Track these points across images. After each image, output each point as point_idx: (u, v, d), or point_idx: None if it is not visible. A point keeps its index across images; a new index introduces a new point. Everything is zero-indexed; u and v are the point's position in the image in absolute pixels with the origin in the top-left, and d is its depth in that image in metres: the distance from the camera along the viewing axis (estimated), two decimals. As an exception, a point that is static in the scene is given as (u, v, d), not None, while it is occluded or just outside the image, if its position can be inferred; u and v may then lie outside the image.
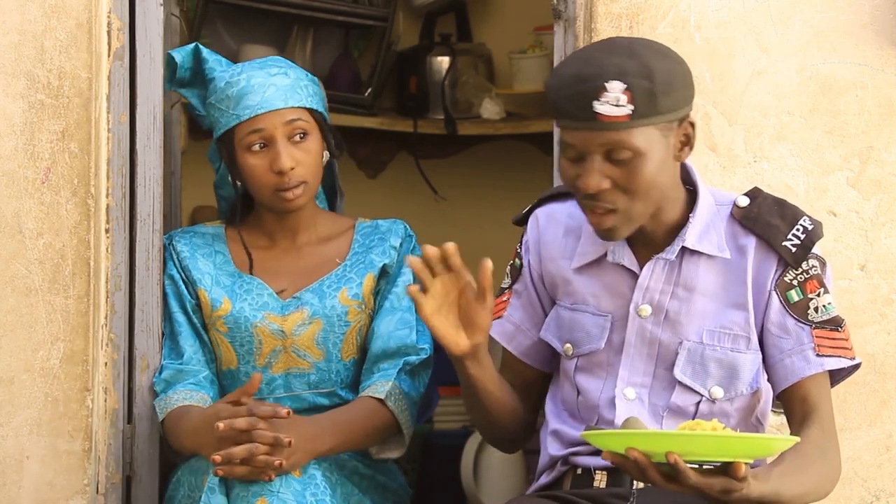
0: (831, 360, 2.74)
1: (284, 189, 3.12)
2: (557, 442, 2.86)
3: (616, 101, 2.61)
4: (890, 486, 3.24)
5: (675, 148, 2.69)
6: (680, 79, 2.66)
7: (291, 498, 2.93)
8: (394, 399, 3.12)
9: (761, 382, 2.79)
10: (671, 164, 2.69)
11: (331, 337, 3.19)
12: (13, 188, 3.13)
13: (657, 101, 2.62)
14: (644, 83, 2.61)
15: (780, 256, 2.74)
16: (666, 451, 2.40)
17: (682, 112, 2.67)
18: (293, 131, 3.13)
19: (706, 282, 2.77)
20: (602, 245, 2.80)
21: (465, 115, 5.11)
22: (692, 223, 2.75)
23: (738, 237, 2.77)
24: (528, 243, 2.92)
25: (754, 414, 2.83)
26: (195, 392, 3.14)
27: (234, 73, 3.16)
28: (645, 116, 2.62)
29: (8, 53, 3.13)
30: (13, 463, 3.13)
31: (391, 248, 3.23)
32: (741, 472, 2.41)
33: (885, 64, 3.24)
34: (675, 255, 2.75)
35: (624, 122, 2.62)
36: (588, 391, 2.82)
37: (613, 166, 2.65)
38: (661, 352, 2.78)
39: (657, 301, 2.77)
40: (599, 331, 2.81)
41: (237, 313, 3.18)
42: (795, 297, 2.75)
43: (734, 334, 2.76)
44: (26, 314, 3.13)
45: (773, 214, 2.77)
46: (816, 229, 2.76)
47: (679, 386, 2.77)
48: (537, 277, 2.91)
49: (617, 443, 2.46)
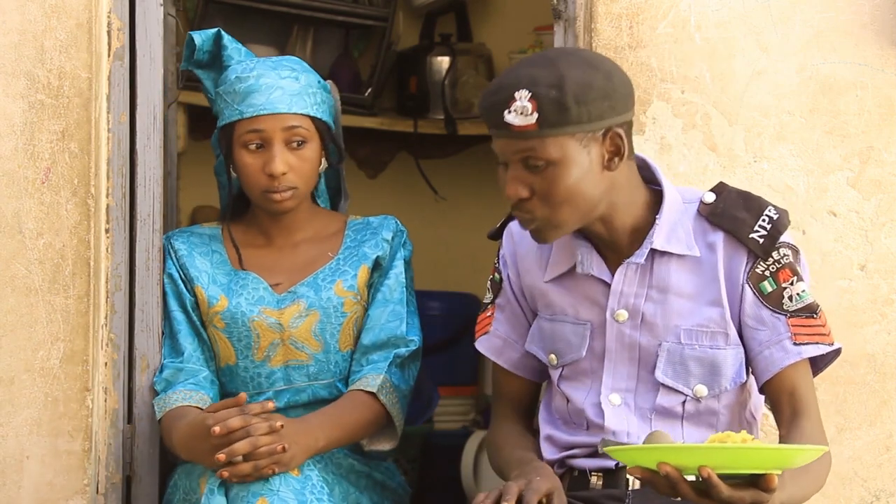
0: (809, 347, 2.73)
1: (273, 191, 3.14)
2: (551, 446, 2.86)
3: (522, 110, 2.63)
4: (890, 486, 3.24)
5: (602, 158, 2.67)
6: (598, 90, 2.64)
7: (292, 497, 2.94)
8: (385, 392, 3.13)
9: (745, 376, 2.78)
10: (599, 174, 2.68)
11: (328, 328, 3.19)
12: (13, 188, 3.13)
13: (566, 111, 2.62)
14: (552, 93, 2.61)
15: (749, 249, 2.74)
16: (699, 465, 2.36)
17: (604, 123, 2.65)
18: (291, 137, 3.14)
19: (679, 281, 2.76)
20: (571, 256, 2.81)
21: (465, 115, 5.11)
22: (659, 224, 2.74)
23: (707, 234, 2.76)
24: (504, 257, 2.93)
25: (747, 409, 2.82)
26: (194, 392, 3.14)
27: (245, 68, 3.17)
28: (554, 126, 2.62)
29: (8, 53, 3.12)
30: (13, 463, 3.13)
31: (383, 240, 3.24)
32: (774, 484, 2.39)
33: (885, 64, 3.24)
34: (644, 258, 2.75)
35: (533, 132, 2.63)
36: (575, 399, 2.82)
37: (531, 174, 2.67)
38: (642, 355, 2.78)
39: (632, 305, 2.77)
40: (580, 339, 2.81)
41: (234, 308, 3.19)
42: (769, 288, 2.74)
43: (711, 331, 2.76)
44: (26, 314, 3.13)
45: (739, 208, 2.76)
46: (782, 218, 2.75)
47: (662, 388, 2.77)
48: (518, 290, 2.91)
49: (646, 457, 2.41)
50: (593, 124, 2.64)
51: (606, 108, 2.65)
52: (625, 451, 2.48)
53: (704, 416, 2.78)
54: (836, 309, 3.20)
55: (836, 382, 3.22)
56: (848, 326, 3.21)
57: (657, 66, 3.21)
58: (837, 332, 2.98)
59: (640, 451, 2.46)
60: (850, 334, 3.21)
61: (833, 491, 3.21)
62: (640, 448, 2.49)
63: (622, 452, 2.47)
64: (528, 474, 2.67)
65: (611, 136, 2.67)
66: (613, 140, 2.67)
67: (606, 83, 2.65)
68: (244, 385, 3.21)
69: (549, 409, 2.91)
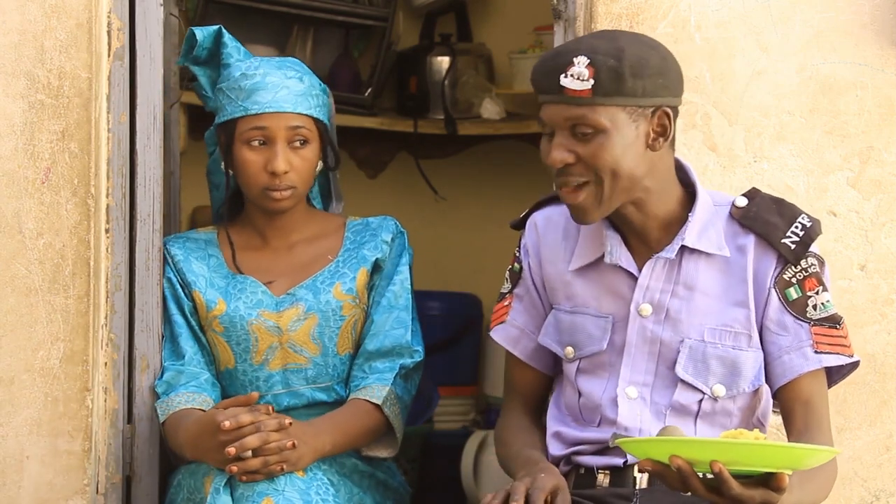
0: (829, 356, 2.75)
1: (273, 189, 3.14)
2: (559, 442, 2.86)
3: (580, 75, 2.67)
4: (890, 486, 3.24)
5: (648, 136, 2.71)
6: (654, 67, 2.69)
7: (297, 496, 2.94)
8: (389, 404, 3.14)
9: (763, 380, 2.79)
10: (642, 152, 2.71)
11: (326, 332, 3.19)
12: (13, 188, 3.13)
13: (622, 81, 2.66)
14: (610, 62, 2.66)
15: (780, 254, 2.75)
16: (710, 460, 2.36)
17: (656, 100, 2.69)
18: (294, 137, 3.15)
19: (706, 280, 2.77)
20: (599, 246, 2.81)
21: (465, 115, 5.11)
22: (691, 221, 2.76)
23: (738, 236, 2.78)
24: (526, 247, 2.93)
25: (755, 414, 2.83)
26: (197, 394, 3.14)
27: (251, 65, 3.18)
28: (608, 95, 2.66)
29: (8, 53, 3.12)
30: (13, 463, 3.13)
31: (383, 242, 3.24)
32: (784, 484, 2.39)
33: (885, 64, 3.24)
34: (674, 253, 2.76)
35: (587, 98, 2.67)
36: (590, 392, 2.82)
37: (578, 142, 2.69)
38: (663, 350, 2.78)
39: (658, 300, 2.78)
40: (601, 332, 2.81)
41: (232, 312, 3.19)
42: (794, 295, 2.76)
43: (735, 332, 2.77)
44: (26, 314, 3.13)
45: (772, 212, 2.78)
46: (815, 226, 2.77)
47: (681, 384, 2.77)
48: (538, 281, 2.91)
49: (659, 450, 2.42)
50: (645, 99, 2.68)
51: (660, 87, 2.69)
52: (637, 443, 2.49)
53: (719, 417, 2.78)
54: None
55: (836, 382, 3.22)
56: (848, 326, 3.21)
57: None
58: (837, 332, 2.98)
59: (653, 443, 2.46)
60: (851, 334, 3.21)
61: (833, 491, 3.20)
62: (652, 440, 2.50)
63: (634, 445, 2.48)
64: (534, 473, 2.68)
65: (659, 115, 2.70)
66: (661, 120, 2.71)
67: (662, 63, 2.70)
68: (243, 389, 3.21)
69: (558, 405, 2.91)
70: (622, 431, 2.77)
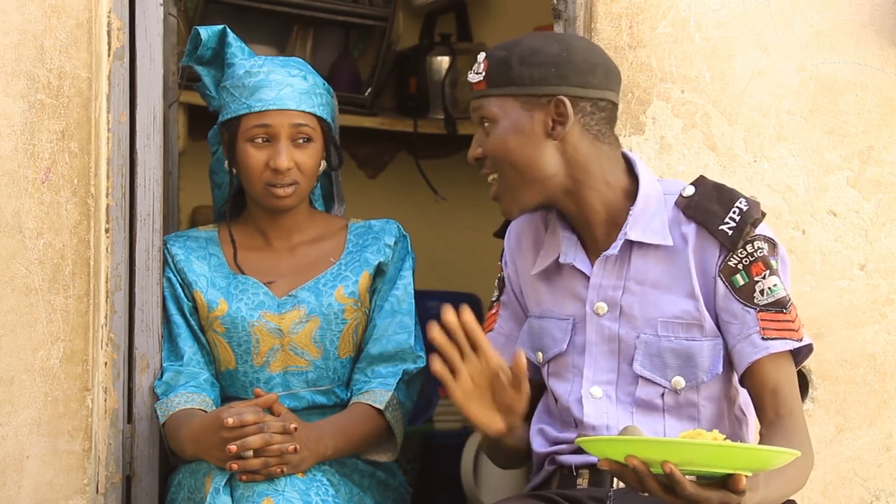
0: (777, 342, 2.72)
1: (276, 186, 3.14)
2: (542, 439, 2.88)
3: (477, 69, 2.79)
4: (890, 486, 3.24)
5: (546, 125, 2.75)
6: (548, 56, 2.74)
7: (297, 497, 2.94)
8: (391, 409, 3.15)
9: (721, 368, 2.77)
10: (541, 141, 2.75)
11: (328, 335, 3.19)
12: (13, 188, 3.13)
13: (509, 70, 2.74)
14: (501, 53, 2.76)
15: (720, 241, 2.74)
16: (661, 460, 2.35)
17: (549, 89, 2.74)
18: (298, 134, 3.16)
19: (655, 273, 2.78)
20: (555, 249, 2.83)
21: (465, 115, 5.10)
22: (633, 215, 2.76)
23: (681, 225, 2.78)
24: (505, 256, 2.97)
25: (735, 405, 2.82)
26: (196, 395, 3.14)
27: (255, 63, 3.18)
28: (497, 85, 2.75)
29: (8, 53, 3.12)
30: (13, 463, 3.13)
31: (385, 246, 3.24)
32: (741, 486, 2.37)
33: (885, 64, 3.24)
34: (618, 249, 2.77)
35: (483, 90, 2.78)
36: (559, 395, 2.84)
37: (484, 134, 2.80)
38: (622, 347, 2.79)
39: (611, 297, 2.79)
40: (562, 334, 2.83)
41: (234, 313, 3.19)
42: (741, 281, 2.74)
43: (687, 323, 2.76)
44: (26, 314, 3.13)
45: (711, 200, 2.77)
46: (752, 209, 2.74)
47: (641, 380, 2.78)
48: (517, 288, 2.94)
49: (615, 450, 2.41)
50: (536, 87, 2.74)
51: (554, 75, 2.74)
52: (595, 442, 2.48)
53: (685, 409, 2.78)
54: (836, 309, 3.20)
55: (836, 382, 3.22)
56: (848, 326, 3.21)
57: (657, 65, 3.21)
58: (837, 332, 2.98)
59: (609, 442, 2.46)
60: (850, 334, 3.21)
61: (833, 491, 3.21)
62: (608, 440, 2.49)
63: (593, 444, 2.47)
64: None
65: (555, 104, 2.74)
66: (558, 108, 2.74)
67: (560, 53, 2.75)
68: (244, 390, 3.21)
69: (544, 405, 2.92)
70: (590, 431, 2.77)
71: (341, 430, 3.09)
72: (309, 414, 3.18)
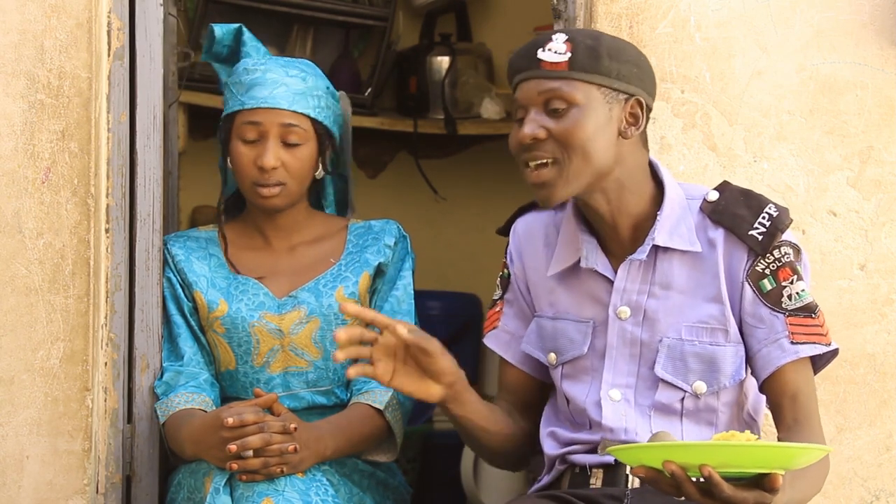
0: (806, 346, 2.73)
1: (262, 185, 3.14)
2: (553, 441, 2.87)
3: (557, 49, 2.71)
4: (890, 486, 3.24)
5: (620, 122, 2.73)
6: (631, 56, 2.73)
7: (297, 497, 2.94)
8: (391, 410, 3.15)
9: (744, 374, 2.78)
10: (614, 138, 2.72)
11: (328, 335, 3.19)
12: (13, 188, 3.13)
13: (599, 59, 2.70)
14: (587, 41, 2.71)
15: (749, 246, 2.75)
16: (700, 464, 2.34)
17: (631, 88, 2.73)
18: (287, 134, 3.15)
19: (681, 277, 2.77)
20: (575, 251, 2.82)
21: (465, 115, 5.11)
22: (660, 220, 2.76)
23: (708, 230, 2.78)
24: (511, 254, 2.95)
25: (745, 410, 2.82)
26: (196, 395, 3.14)
27: (255, 61, 3.19)
28: (585, 70, 2.70)
29: (8, 53, 3.12)
30: (13, 463, 3.13)
31: (385, 247, 3.24)
32: (778, 484, 2.37)
33: (885, 64, 3.24)
34: (646, 254, 2.76)
35: (563, 71, 2.70)
36: (575, 397, 2.83)
37: (550, 118, 2.71)
38: (643, 351, 2.79)
39: (635, 301, 2.78)
40: (582, 337, 2.82)
41: (234, 314, 3.19)
42: (769, 286, 2.75)
43: (712, 328, 2.76)
44: (26, 314, 3.13)
45: (739, 205, 2.77)
46: (782, 216, 2.76)
47: (662, 383, 2.78)
48: (524, 286, 2.93)
49: (652, 456, 2.40)
50: (621, 83, 2.72)
51: (635, 75, 2.73)
52: (628, 450, 2.46)
53: (703, 414, 2.78)
54: (836, 309, 3.20)
55: (836, 382, 3.22)
56: (848, 326, 3.21)
57: (657, 65, 3.20)
58: (837, 332, 2.98)
59: (645, 449, 2.44)
60: (850, 334, 3.21)
61: (833, 491, 3.21)
62: (643, 446, 2.48)
63: (626, 452, 2.46)
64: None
65: (632, 104, 2.73)
66: (634, 109, 2.73)
67: (638, 56, 2.76)
68: (244, 390, 3.21)
69: (553, 407, 2.92)
70: (608, 434, 2.77)
71: (341, 430, 3.09)
72: (309, 414, 3.18)
